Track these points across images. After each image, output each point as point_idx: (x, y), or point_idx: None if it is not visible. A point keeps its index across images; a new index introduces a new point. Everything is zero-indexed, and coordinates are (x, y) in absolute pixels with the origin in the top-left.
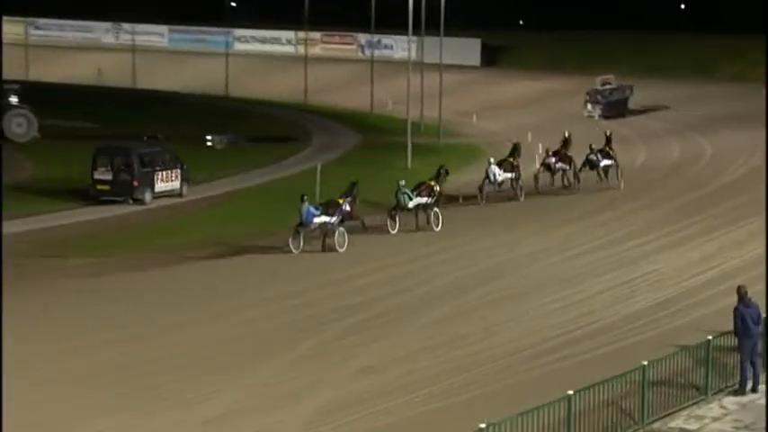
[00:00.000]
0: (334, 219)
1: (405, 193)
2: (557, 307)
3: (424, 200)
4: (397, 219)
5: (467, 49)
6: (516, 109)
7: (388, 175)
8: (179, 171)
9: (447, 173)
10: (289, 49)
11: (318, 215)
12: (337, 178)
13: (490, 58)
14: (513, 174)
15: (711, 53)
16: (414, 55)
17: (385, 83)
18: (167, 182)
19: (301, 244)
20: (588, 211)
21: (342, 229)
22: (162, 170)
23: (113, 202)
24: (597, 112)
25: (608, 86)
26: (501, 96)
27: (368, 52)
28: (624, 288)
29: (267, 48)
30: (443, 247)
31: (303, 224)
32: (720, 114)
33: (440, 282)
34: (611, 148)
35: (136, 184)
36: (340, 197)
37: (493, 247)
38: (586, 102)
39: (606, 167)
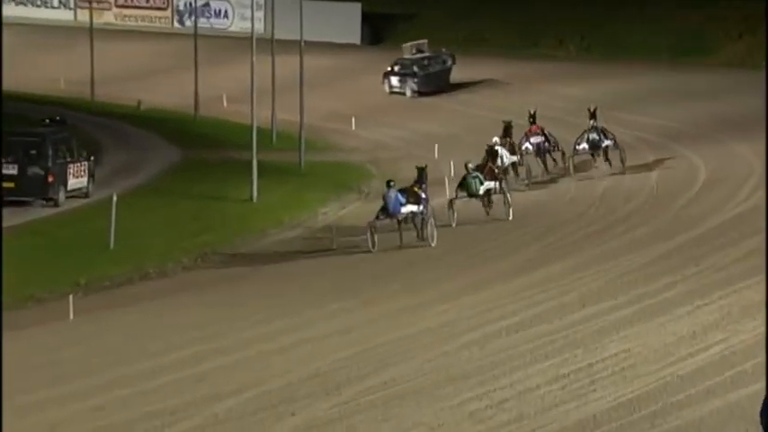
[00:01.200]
0: (422, 208)
1: (476, 177)
2: (473, 409)
3: (492, 184)
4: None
5: (341, 20)
6: (417, 111)
7: (219, 213)
8: (87, 164)
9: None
10: (64, 15)
11: (405, 203)
12: (145, 211)
13: (376, 33)
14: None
15: (701, 28)
16: (260, 27)
17: (217, 69)
18: (77, 177)
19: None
20: (528, 258)
21: (433, 219)
22: (73, 163)
23: (19, 204)
24: (411, 87)
25: (420, 54)
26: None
27: (189, 22)
28: (576, 380)
29: (31, 13)
30: (310, 320)
31: (390, 214)
32: (715, 116)
33: (302, 372)
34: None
35: (50, 179)
36: (413, 185)
37: (384, 317)
38: (389, 75)
39: (606, 148)
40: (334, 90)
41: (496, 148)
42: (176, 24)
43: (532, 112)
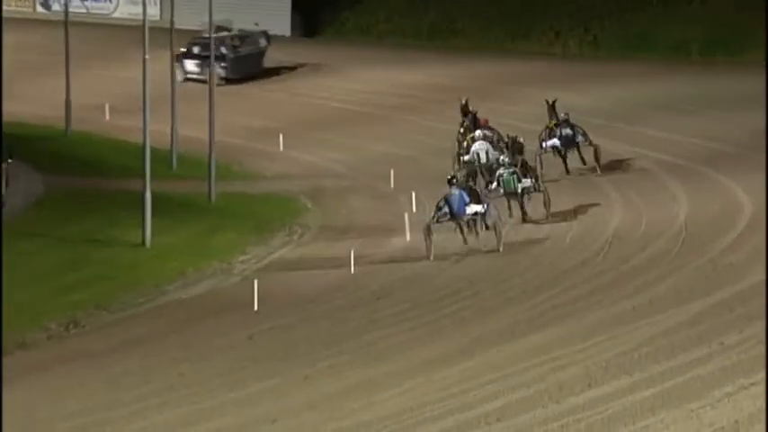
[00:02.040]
0: (486, 207)
1: (514, 172)
2: None
3: (529, 182)
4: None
5: (266, 6)
6: (366, 124)
7: (100, 263)
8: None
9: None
10: None
11: (470, 203)
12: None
13: (311, 23)
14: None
15: (739, 18)
16: (155, 13)
17: (96, 69)
18: None
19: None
20: (516, 321)
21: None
22: None
23: None
24: (218, 72)
25: (226, 33)
26: (336, 97)
27: (57, 5)
28: None
29: None
30: (221, 405)
31: (455, 215)
32: (761, 131)
33: None
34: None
35: None
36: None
37: (326, 400)
38: (184, 58)
39: (578, 145)
40: (255, 98)
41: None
42: (39, 8)
43: (464, 102)
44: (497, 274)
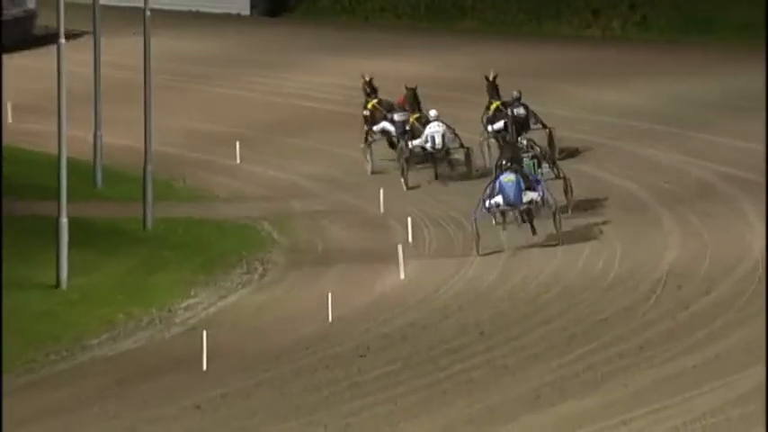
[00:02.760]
0: (543, 193)
1: (534, 156)
2: None
3: (546, 168)
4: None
5: None
6: (347, 128)
7: (2, 315)
8: None
9: None
10: None
11: (525, 189)
12: None
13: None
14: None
15: None
16: None
17: None
18: None
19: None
20: (539, 386)
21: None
22: None
23: None
24: None
25: None
26: (309, 95)
27: None
28: None
29: None
30: None
31: (511, 203)
32: None
33: None
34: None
35: None
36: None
37: None
38: None
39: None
40: (201, 94)
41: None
42: None
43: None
44: (517, 321)
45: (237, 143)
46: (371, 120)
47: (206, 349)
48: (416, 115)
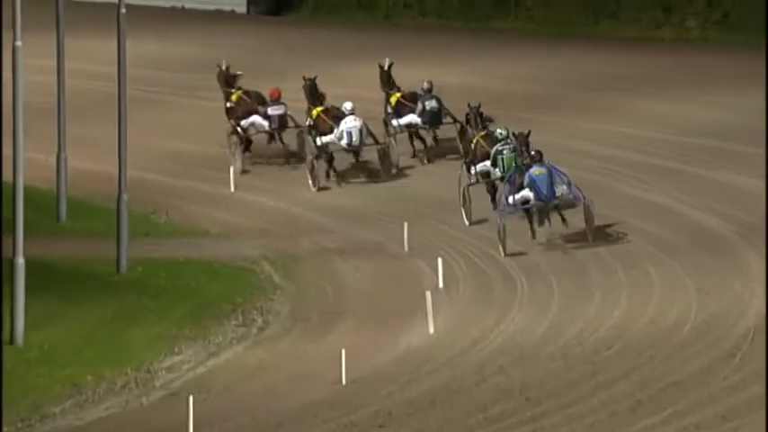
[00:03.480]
0: (573, 187)
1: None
2: None
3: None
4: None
5: None
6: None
7: None
8: None
9: None
10: None
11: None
12: None
13: None
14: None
15: None
16: None
17: None
18: None
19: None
20: None
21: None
22: None
23: None
24: None
25: None
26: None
27: None
28: None
29: None
30: None
31: (544, 198)
32: None
33: None
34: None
35: None
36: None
37: None
38: None
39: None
40: (184, 109)
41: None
42: None
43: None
44: (571, 385)
45: (231, 168)
46: (236, 113)
47: (192, 419)
48: (320, 108)
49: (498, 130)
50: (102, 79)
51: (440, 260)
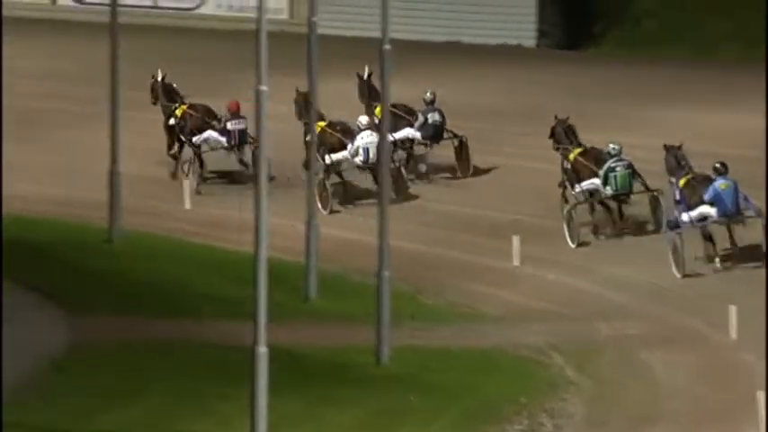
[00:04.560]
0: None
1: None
2: None
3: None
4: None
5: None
6: None
7: None
8: None
9: None
10: None
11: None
12: None
13: (575, 27)
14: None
15: None
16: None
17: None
18: None
19: None
20: None
21: None
22: None
23: None
24: None
25: None
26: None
27: None
28: None
29: None
30: None
31: (727, 214)
32: None
33: None
34: None
35: None
36: None
37: None
38: None
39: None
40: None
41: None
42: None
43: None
44: None
45: (515, 237)
46: (184, 129)
47: None
48: (324, 123)
49: (611, 146)
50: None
51: None
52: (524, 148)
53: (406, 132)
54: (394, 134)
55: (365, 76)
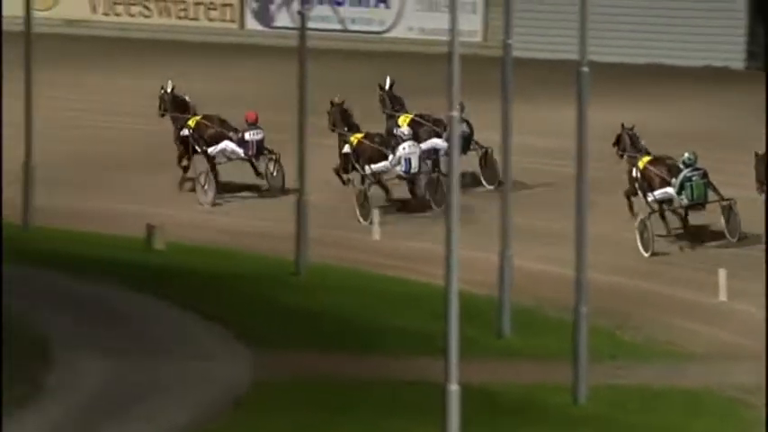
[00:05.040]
0: None
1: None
2: None
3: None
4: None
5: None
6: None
7: None
8: None
9: None
10: None
11: None
12: None
13: None
14: None
15: None
16: (472, 28)
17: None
18: None
19: None
20: None
21: None
22: None
23: None
24: None
25: None
26: None
27: (285, 18)
28: None
29: None
30: None
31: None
32: None
33: None
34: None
35: None
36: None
37: None
38: None
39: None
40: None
41: None
42: (253, 23)
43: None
44: None
45: (722, 272)
46: (198, 140)
47: None
48: (360, 135)
49: (686, 155)
50: (549, 156)
51: None
52: (734, 176)
53: (434, 143)
54: (421, 144)
55: (387, 87)
